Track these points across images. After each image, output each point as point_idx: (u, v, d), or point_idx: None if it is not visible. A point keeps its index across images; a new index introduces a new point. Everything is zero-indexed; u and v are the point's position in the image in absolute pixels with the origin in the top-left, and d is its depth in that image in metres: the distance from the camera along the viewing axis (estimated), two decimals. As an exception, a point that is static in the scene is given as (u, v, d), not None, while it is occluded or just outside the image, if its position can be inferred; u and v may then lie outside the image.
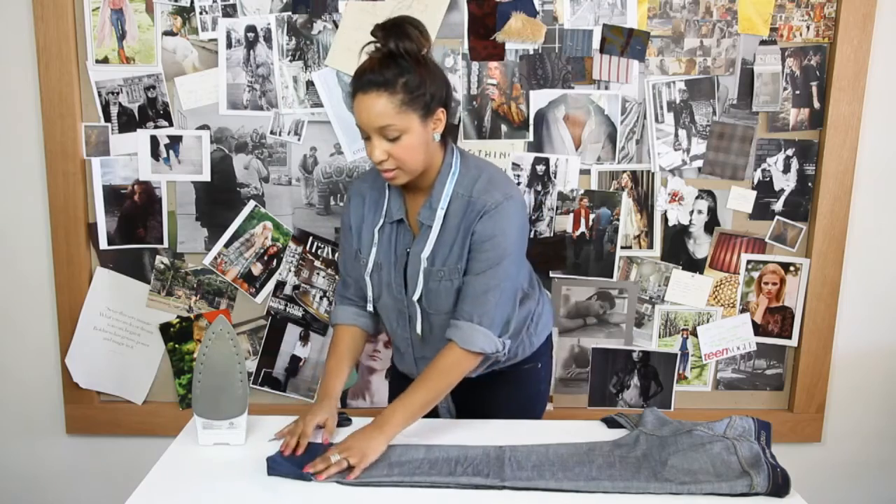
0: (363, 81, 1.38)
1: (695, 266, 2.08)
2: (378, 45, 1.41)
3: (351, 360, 1.61)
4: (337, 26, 1.93)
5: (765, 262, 2.09)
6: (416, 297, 1.51)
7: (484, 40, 1.94)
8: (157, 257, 2.06)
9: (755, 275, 2.09)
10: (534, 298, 1.64)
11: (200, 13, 1.93)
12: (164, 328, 2.10)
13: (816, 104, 2.01)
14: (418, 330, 1.55)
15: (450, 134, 1.49)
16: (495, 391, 1.65)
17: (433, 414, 1.63)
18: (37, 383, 2.15)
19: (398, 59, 1.37)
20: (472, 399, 1.63)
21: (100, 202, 2.02)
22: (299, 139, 2.00)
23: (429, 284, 1.50)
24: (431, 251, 1.48)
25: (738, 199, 2.05)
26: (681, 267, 2.08)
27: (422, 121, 1.40)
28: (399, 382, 1.69)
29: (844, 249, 2.06)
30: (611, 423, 1.52)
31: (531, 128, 1.99)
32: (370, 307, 1.61)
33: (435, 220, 1.48)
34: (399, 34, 1.38)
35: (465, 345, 1.45)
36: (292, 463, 1.34)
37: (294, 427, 1.43)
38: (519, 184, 2.00)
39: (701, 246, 2.07)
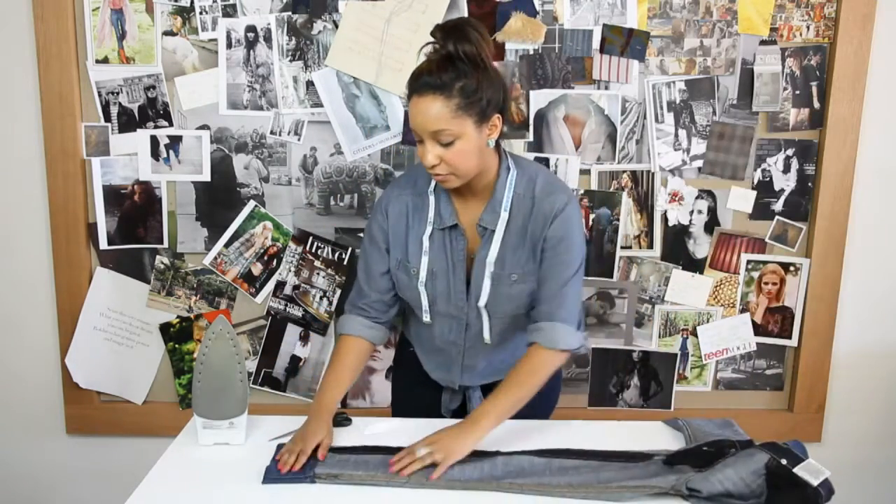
0: (419, 83, 1.35)
1: (695, 266, 2.08)
2: (436, 46, 1.38)
3: (352, 375, 1.56)
4: (337, 26, 1.93)
5: (765, 262, 2.08)
6: (482, 303, 1.49)
7: (484, 40, 1.95)
8: (157, 257, 2.06)
9: (755, 275, 2.09)
10: None
11: (200, 13, 1.93)
12: (164, 328, 2.10)
13: (816, 104, 2.01)
14: (487, 337, 1.53)
15: (500, 136, 1.46)
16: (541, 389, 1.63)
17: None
18: (37, 383, 2.15)
19: (456, 62, 1.34)
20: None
21: (100, 202, 2.02)
22: (299, 139, 2.00)
23: (499, 289, 1.48)
24: (499, 254, 1.47)
25: (738, 199, 2.04)
26: (681, 267, 2.08)
27: (477, 126, 1.37)
28: (422, 391, 1.67)
29: (844, 249, 2.06)
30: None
31: (531, 128, 1.99)
32: (426, 317, 1.54)
33: (499, 223, 1.46)
34: (459, 36, 1.34)
35: (551, 344, 1.44)
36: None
37: (292, 446, 1.36)
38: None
39: (701, 246, 2.07)
